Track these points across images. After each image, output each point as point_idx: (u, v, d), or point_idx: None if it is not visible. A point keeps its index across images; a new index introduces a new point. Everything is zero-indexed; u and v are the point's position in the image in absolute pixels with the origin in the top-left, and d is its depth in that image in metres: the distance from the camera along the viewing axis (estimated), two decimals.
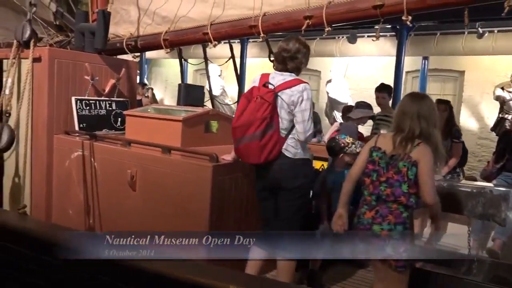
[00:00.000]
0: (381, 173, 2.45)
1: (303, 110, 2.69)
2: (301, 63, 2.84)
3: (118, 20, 4.44)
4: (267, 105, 2.65)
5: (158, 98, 11.74)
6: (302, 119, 2.69)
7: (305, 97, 2.71)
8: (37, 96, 3.75)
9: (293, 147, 2.74)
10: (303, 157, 2.78)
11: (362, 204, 2.54)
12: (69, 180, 3.75)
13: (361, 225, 2.48)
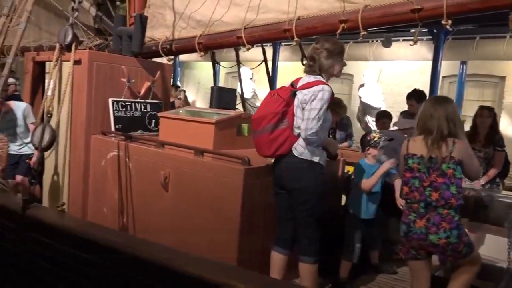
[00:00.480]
0: (424, 178, 2.46)
1: (311, 109, 2.64)
2: (326, 64, 2.75)
3: (154, 24, 4.55)
4: (281, 101, 2.74)
5: (190, 100, 11.91)
6: (307, 116, 2.64)
7: (318, 96, 2.64)
8: (76, 97, 3.89)
9: (301, 147, 2.71)
10: (309, 158, 2.70)
11: (408, 211, 2.53)
12: (105, 180, 3.86)
13: (414, 234, 2.47)
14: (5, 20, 4.60)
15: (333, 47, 2.74)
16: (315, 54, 2.75)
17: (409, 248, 2.53)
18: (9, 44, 4.62)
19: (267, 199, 3.01)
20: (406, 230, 2.51)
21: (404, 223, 2.53)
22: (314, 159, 2.71)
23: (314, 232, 2.75)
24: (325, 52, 2.73)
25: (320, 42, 2.77)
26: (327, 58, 2.73)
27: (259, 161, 2.96)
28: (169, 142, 3.50)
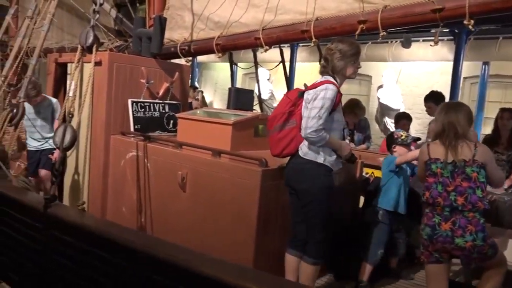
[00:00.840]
0: (447, 183, 2.45)
1: (312, 107, 2.61)
2: (338, 66, 2.72)
3: (173, 25, 4.59)
4: (288, 102, 2.79)
5: (207, 101, 11.98)
6: (307, 115, 2.61)
7: (320, 95, 2.61)
8: (96, 98, 3.96)
9: (306, 147, 2.70)
10: (312, 159, 2.67)
11: (432, 213, 2.51)
12: (124, 179, 3.91)
13: (441, 237, 2.45)
14: (29, 22, 4.72)
15: (346, 49, 2.70)
16: (328, 55, 2.74)
17: (432, 251, 2.50)
18: (33, 46, 4.73)
19: (284, 201, 3.00)
20: (430, 233, 2.48)
21: (428, 225, 2.50)
22: (318, 160, 2.67)
23: (319, 233, 2.71)
24: (338, 54, 2.70)
25: (334, 43, 2.74)
26: (340, 59, 2.71)
27: (276, 162, 2.96)
28: (186, 143, 3.53)
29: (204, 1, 4.33)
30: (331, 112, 2.64)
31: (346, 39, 2.78)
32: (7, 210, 3.14)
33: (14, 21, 6.66)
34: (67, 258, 2.55)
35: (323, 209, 2.69)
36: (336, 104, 2.65)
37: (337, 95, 2.64)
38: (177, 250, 2.12)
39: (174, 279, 2.01)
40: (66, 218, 2.63)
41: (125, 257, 2.22)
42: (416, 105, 9.64)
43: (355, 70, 2.77)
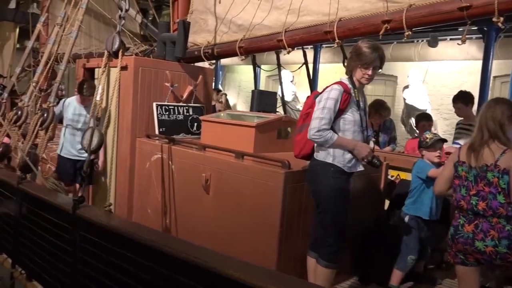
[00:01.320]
0: (470, 187, 2.42)
1: (316, 109, 2.63)
2: (347, 66, 2.75)
3: (196, 29, 4.65)
4: (306, 104, 2.86)
5: (231, 104, 12.06)
6: (313, 116, 2.62)
7: (324, 96, 2.62)
8: (122, 102, 4.05)
9: (317, 148, 2.71)
10: (323, 160, 2.65)
11: (459, 215, 2.49)
12: (149, 181, 3.98)
13: (462, 238, 2.43)
14: (59, 29, 4.87)
15: (362, 51, 2.62)
16: (349, 53, 2.75)
17: (456, 251, 2.48)
18: (62, 52, 4.88)
19: (307, 203, 2.98)
20: (453, 232, 2.48)
21: (453, 226, 2.50)
22: (327, 160, 2.64)
23: (330, 236, 2.65)
24: (353, 53, 2.68)
25: (360, 41, 2.70)
26: (352, 60, 2.68)
27: (299, 164, 2.94)
28: (210, 145, 3.56)
29: (227, 5, 4.36)
30: (340, 112, 2.62)
31: (373, 43, 2.69)
32: (38, 211, 3.25)
33: (45, 29, 6.88)
34: (94, 258, 2.62)
35: (333, 211, 2.63)
36: (343, 103, 2.61)
37: (343, 95, 2.60)
38: (200, 252, 2.14)
39: (198, 280, 2.02)
40: (94, 219, 2.69)
41: (150, 258, 2.25)
42: (443, 106, 9.42)
43: (364, 75, 2.65)
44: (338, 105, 2.60)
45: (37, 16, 8.32)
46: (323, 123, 2.55)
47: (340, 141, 2.60)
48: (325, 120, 2.55)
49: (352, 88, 2.68)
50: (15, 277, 3.45)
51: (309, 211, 2.99)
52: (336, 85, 2.64)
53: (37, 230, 3.24)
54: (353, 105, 2.67)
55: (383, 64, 2.71)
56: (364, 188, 3.36)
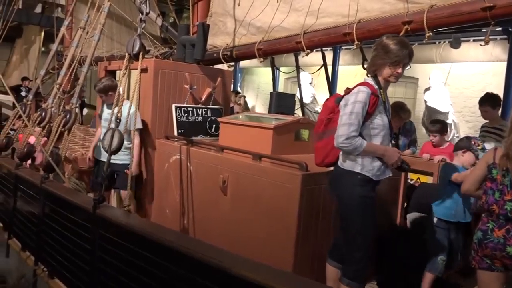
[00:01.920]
0: (505, 192, 2.35)
1: (342, 114, 2.44)
2: (373, 65, 2.51)
3: (215, 31, 4.68)
4: (326, 109, 2.68)
5: (249, 106, 12.08)
6: (338, 123, 2.44)
7: (350, 99, 2.42)
8: (142, 104, 4.11)
9: (343, 156, 2.54)
10: (349, 169, 2.48)
11: (487, 218, 2.43)
12: (167, 182, 4.03)
13: (491, 242, 2.37)
14: (82, 32, 4.99)
15: (391, 47, 2.41)
16: (373, 50, 2.52)
17: (482, 256, 2.42)
18: (85, 55, 4.99)
19: (325, 205, 2.97)
20: (481, 237, 2.41)
21: (481, 230, 2.43)
22: (356, 169, 2.46)
23: (356, 250, 2.45)
24: (379, 50, 2.46)
25: (383, 37, 2.50)
26: (379, 58, 2.47)
27: (317, 167, 2.93)
28: (228, 147, 3.58)
29: (246, 7, 4.38)
30: (368, 116, 2.44)
31: (400, 38, 2.52)
32: (60, 210, 3.33)
33: (69, 32, 7.06)
34: (113, 257, 2.66)
35: (359, 223, 2.45)
36: (371, 106, 2.42)
37: (371, 98, 2.41)
38: (216, 252, 2.14)
39: (213, 281, 2.03)
40: (113, 218, 2.74)
41: (167, 258, 2.28)
42: (466, 108, 9.22)
43: (393, 73, 2.47)
44: (366, 109, 2.41)
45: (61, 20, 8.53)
46: (352, 130, 2.37)
47: (369, 148, 2.43)
48: (354, 127, 2.37)
49: (378, 89, 2.49)
50: (37, 274, 3.53)
51: (326, 213, 2.97)
52: (363, 87, 2.44)
53: (59, 228, 3.31)
54: (381, 108, 2.49)
55: (411, 60, 2.52)
56: (383, 192, 3.31)
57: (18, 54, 12.04)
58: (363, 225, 2.45)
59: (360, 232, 2.45)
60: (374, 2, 3.28)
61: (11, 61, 12.07)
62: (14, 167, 4.31)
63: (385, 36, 2.51)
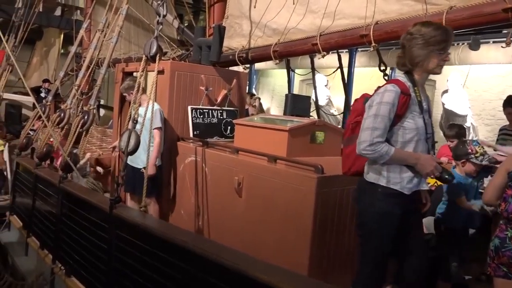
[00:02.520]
0: None
1: (366, 117, 2.16)
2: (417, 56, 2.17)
3: (231, 34, 4.70)
4: (354, 110, 2.40)
5: (264, 108, 12.09)
6: (362, 127, 2.16)
7: (376, 99, 2.15)
8: (159, 105, 4.14)
9: (367, 165, 2.25)
10: (373, 181, 2.21)
11: (506, 226, 2.37)
12: (183, 183, 4.05)
13: (508, 250, 2.32)
14: (100, 35, 5.07)
15: (432, 33, 2.12)
16: (406, 41, 2.19)
17: (499, 264, 2.36)
18: (103, 57, 5.07)
19: (341, 209, 2.94)
20: (498, 244, 2.36)
21: (499, 237, 2.38)
22: (380, 182, 2.18)
23: (366, 265, 2.27)
24: (419, 39, 2.14)
25: (416, 26, 2.19)
26: (421, 47, 2.14)
27: (333, 169, 2.91)
28: (243, 149, 3.58)
29: (262, 9, 4.39)
30: (398, 119, 2.14)
31: (432, 22, 2.26)
32: (77, 210, 3.38)
33: (87, 35, 7.19)
34: (129, 256, 2.68)
35: (373, 241, 2.23)
36: (401, 108, 2.12)
37: (400, 97, 2.12)
38: (230, 253, 2.15)
39: (227, 282, 2.03)
40: (129, 218, 2.77)
41: (181, 258, 2.29)
42: (485, 111, 9.03)
43: (440, 62, 2.18)
44: (394, 111, 2.12)
45: (80, 22, 8.68)
46: (376, 135, 2.09)
47: (398, 155, 2.12)
48: (379, 131, 2.09)
49: (411, 87, 2.18)
50: (55, 273, 3.59)
51: (342, 217, 2.94)
52: (390, 85, 2.15)
53: (76, 228, 3.36)
54: (414, 108, 2.17)
55: None
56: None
57: (38, 56, 12.30)
58: (379, 244, 2.23)
59: (373, 249, 2.24)
60: (392, 3, 3.25)
61: (32, 63, 12.33)
62: (34, 166, 4.40)
63: (417, 25, 2.20)
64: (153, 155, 3.77)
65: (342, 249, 2.99)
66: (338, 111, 10.10)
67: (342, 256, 3.01)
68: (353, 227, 3.03)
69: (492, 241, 2.41)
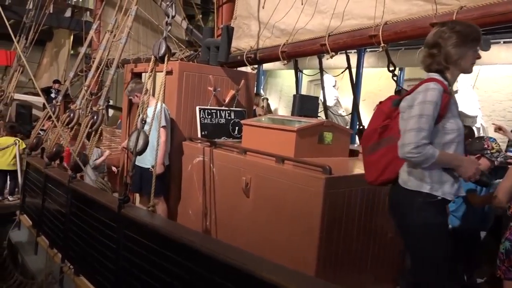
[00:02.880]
0: None
1: (408, 117, 2.01)
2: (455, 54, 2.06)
3: (240, 34, 4.71)
4: (380, 114, 2.24)
5: (272, 108, 12.08)
6: (403, 128, 2.03)
7: (419, 99, 2.00)
8: (167, 105, 4.16)
9: (405, 173, 2.10)
10: (415, 189, 2.05)
11: None
12: (191, 183, 4.06)
13: None
14: (109, 36, 5.10)
15: (467, 31, 2.05)
16: (441, 39, 2.06)
17: (509, 267, 2.35)
18: (112, 57, 5.10)
19: (349, 210, 2.93)
20: (509, 247, 2.35)
21: (509, 240, 2.37)
22: (424, 189, 2.03)
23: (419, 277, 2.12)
24: (455, 37, 2.04)
25: (448, 24, 2.11)
26: (458, 45, 2.04)
27: (341, 170, 2.90)
28: (251, 149, 3.58)
29: (270, 10, 4.39)
30: (439, 119, 2.01)
31: (462, 21, 2.19)
32: (86, 209, 3.41)
33: (97, 36, 7.25)
34: (137, 256, 2.70)
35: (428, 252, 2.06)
36: (444, 108, 2.01)
37: (443, 96, 2.00)
38: (238, 254, 2.15)
39: (234, 282, 2.03)
40: (137, 218, 2.78)
41: (189, 258, 2.29)
42: (495, 112, 8.93)
43: (473, 60, 2.12)
44: (438, 110, 1.98)
45: (90, 23, 8.77)
46: (422, 136, 1.94)
47: (443, 158, 1.99)
48: (424, 132, 1.94)
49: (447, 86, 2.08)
50: (64, 272, 3.62)
51: (350, 217, 2.93)
52: (432, 83, 2.01)
53: (85, 227, 3.39)
54: (453, 108, 2.08)
55: None
56: None
57: (48, 57, 12.44)
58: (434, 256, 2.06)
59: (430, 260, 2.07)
60: (401, 3, 3.23)
61: (42, 63, 12.47)
62: (44, 166, 4.44)
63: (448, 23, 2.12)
64: (160, 154, 3.77)
65: (350, 250, 2.97)
66: (346, 111, 10.06)
67: (350, 256, 2.99)
68: (361, 227, 3.03)
69: (503, 244, 2.39)
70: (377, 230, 3.13)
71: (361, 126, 5.55)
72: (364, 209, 3.00)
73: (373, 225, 3.08)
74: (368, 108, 10.26)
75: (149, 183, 3.19)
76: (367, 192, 3.00)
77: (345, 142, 3.81)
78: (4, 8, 7.21)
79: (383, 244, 3.19)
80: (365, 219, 3.02)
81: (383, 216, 3.15)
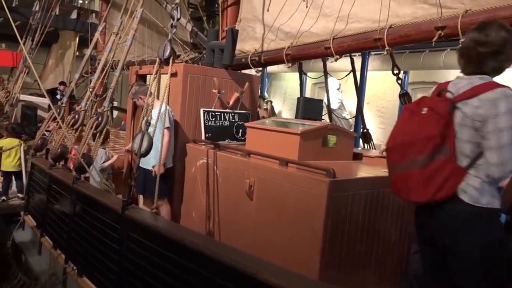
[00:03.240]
0: None
1: (499, 130, 1.79)
2: (508, 59, 1.94)
3: (244, 37, 4.72)
4: (438, 119, 1.91)
5: (276, 111, 12.09)
6: (497, 143, 1.79)
7: (503, 108, 1.79)
8: (172, 107, 4.17)
9: (476, 188, 1.87)
10: (490, 206, 1.87)
11: None
12: (194, 185, 4.06)
13: None
14: (115, 38, 5.13)
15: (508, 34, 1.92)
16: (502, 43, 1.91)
17: None
18: (117, 59, 5.13)
19: (352, 213, 2.91)
20: None
21: None
22: (495, 205, 1.89)
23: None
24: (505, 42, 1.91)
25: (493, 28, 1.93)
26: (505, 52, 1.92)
27: (345, 173, 2.89)
28: (255, 152, 3.58)
29: (275, 13, 4.40)
30: None
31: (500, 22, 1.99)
32: (90, 210, 3.42)
33: (102, 38, 7.29)
34: (140, 258, 2.70)
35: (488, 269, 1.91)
36: None
37: None
38: (241, 256, 2.15)
39: (237, 285, 2.03)
40: (141, 220, 2.79)
41: (192, 260, 2.29)
42: None
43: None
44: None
45: (95, 25, 8.81)
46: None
47: None
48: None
49: None
50: (67, 273, 3.63)
51: (353, 221, 2.92)
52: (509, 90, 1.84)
53: (89, 228, 3.39)
54: None
55: None
56: None
57: (54, 59, 12.52)
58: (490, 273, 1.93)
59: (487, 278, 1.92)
60: (406, 7, 3.23)
61: (47, 65, 12.56)
62: (48, 167, 4.46)
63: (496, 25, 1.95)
64: (162, 154, 3.77)
65: (353, 253, 2.96)
66: (351, 114, 10.05)
67: (354, 260, 2.98)
68: (364, 230, 3.02)
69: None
70: (381, 233, 3.12)
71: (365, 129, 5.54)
72: (368, 213, 2.99)
73: (377, 228, 3.07)
74: (372, 111, 10.24)
75: (151, 184, 3.18)
76: (370, 196, 2.99)
77: (349, 145, 3.80)
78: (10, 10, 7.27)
79: (387, 247, 3.18)
80: (368, 222, 3.01)
81: (386, 219, 3.14)
